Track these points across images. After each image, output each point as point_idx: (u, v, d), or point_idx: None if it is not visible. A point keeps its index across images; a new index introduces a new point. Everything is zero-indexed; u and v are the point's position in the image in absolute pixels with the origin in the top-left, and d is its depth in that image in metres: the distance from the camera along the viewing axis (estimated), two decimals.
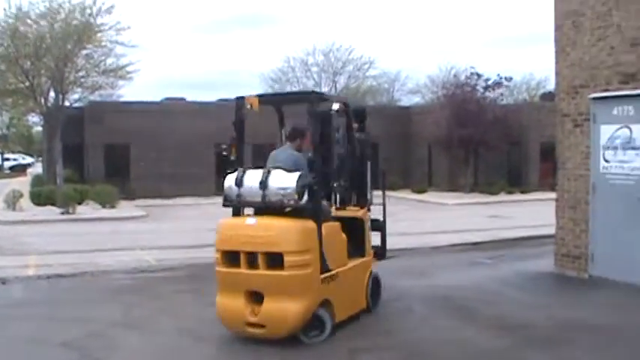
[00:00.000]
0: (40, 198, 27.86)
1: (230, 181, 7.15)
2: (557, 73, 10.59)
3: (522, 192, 33.43)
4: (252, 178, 7.04)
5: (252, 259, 6.76)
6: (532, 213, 21.24)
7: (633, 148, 9.11)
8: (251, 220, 7.02)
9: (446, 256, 12.62)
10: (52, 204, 26.35)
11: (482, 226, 19.94)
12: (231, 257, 6.88)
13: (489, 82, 34.71)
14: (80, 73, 30.49)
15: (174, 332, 7.56)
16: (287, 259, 6.63)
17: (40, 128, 40.88)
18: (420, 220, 22.04)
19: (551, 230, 10.98)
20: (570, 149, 10.24)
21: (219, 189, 37.36)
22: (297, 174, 6.91)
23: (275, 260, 6.69)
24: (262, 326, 6.79)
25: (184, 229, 21.05)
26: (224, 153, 7.69)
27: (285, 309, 6.70)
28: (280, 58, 79.79)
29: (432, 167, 36.35)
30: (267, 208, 7.03)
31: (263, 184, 6.94)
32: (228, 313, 6.99)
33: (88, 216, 24.73)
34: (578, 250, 10.04)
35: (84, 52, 29.90)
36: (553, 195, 10.78)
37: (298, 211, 6.96)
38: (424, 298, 8.80)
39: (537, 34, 43.33)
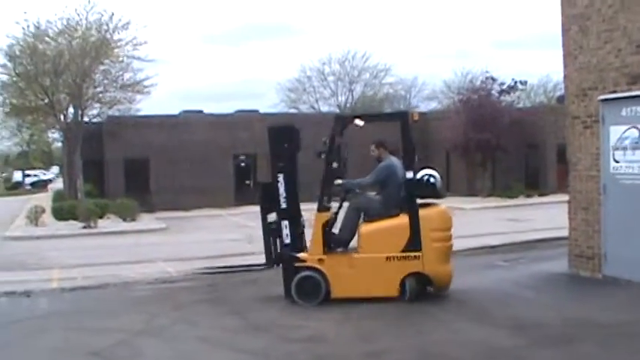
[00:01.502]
0: (61, 213, 28.26)
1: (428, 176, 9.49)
2: (565, 77, 10.72)
3: (541, 195, 33.34)
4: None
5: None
6: (550, 215, 21.15)
7: None
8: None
9: (463, 260, 12.61)
10: (74, 218, 26.72)
11: (500, 229, 20.01)
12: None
13: (504, 87, 34.82)
14: (98, 89, 30.90)
15: (194, 340, 7.77)
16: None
17: (60, 144, 41.32)
18: None
19: (567, 232, 11.08)
20: (581, 151, 10.36)
21: (238, 199, 37.34)
22: None
23: None
24: None
25: (204, 239, 21.32)
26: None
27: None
28: (296, 68, 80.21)
29: (450, 173, 36.33)
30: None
31: (442, 180, 9.72)
32: (449, 275, 9.19)
33: (109, 229, 25.09)
34: (591, 251, 10.14)
35: (101, 67, 30.31)
36: None
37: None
38: (440, 301, 8.98)
39: (554, 36, 43.03)
